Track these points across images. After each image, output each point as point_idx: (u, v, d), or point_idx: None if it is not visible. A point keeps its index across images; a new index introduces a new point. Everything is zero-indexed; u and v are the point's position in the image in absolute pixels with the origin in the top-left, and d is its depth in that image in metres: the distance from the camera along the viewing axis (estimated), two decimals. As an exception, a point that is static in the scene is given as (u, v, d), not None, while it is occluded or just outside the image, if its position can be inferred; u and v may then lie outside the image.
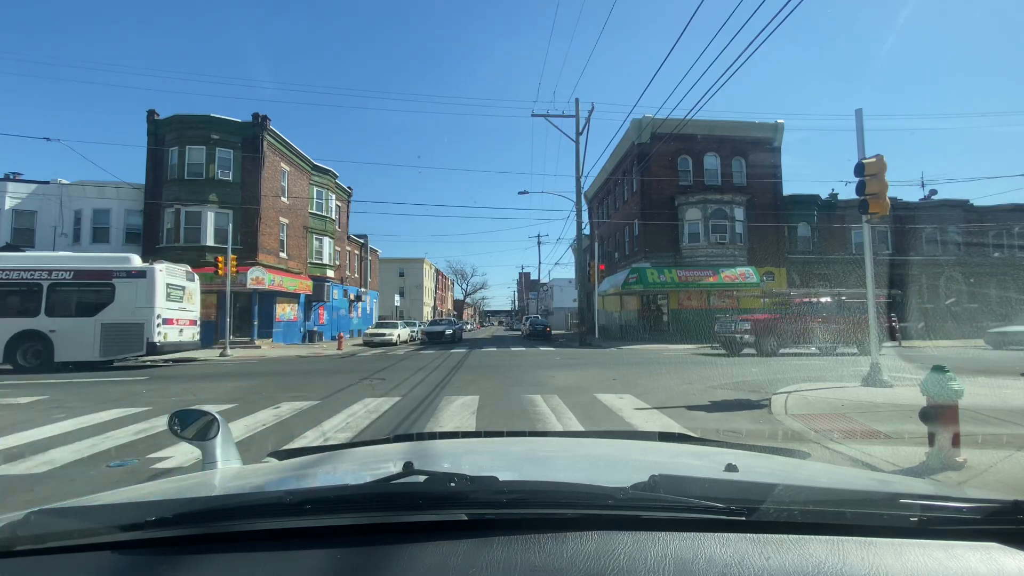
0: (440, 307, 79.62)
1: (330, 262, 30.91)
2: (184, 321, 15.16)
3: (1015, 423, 5.15)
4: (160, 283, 13.96)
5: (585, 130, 24.05)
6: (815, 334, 16.39)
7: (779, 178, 27.14)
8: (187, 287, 15.55)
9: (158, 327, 13.75)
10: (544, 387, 8.93)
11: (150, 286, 13.78)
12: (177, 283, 14.98)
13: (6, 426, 6.14)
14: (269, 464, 1.51)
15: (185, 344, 15.31)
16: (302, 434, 5.60)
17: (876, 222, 11.25)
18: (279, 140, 25.51)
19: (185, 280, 15.51)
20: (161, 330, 13.85)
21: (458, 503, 0.80)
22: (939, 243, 28.82)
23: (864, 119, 8.52)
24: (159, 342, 13.76)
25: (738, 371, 11.01)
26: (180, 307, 14.99)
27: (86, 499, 1.04)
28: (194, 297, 15.96)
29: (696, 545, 0.71)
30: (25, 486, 3.89)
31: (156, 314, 13.73)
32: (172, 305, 14.55)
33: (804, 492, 0.85)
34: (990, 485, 3.50)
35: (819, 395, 7.32)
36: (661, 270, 24.95)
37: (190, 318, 15.56)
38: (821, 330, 16.36)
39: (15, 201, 22.50)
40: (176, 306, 14.78)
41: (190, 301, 15.66)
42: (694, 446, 1.61)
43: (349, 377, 10.91)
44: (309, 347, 24.31)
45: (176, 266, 15.59)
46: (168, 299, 14.34)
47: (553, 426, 5.85)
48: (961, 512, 0.79)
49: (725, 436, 4.90)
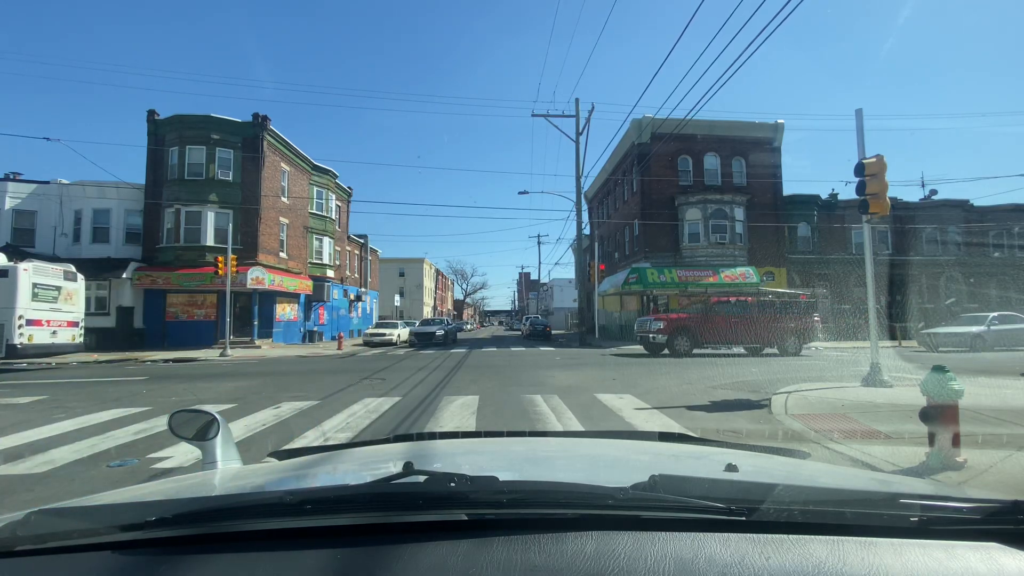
0: (440, 307, 79.64)
1: (330, 262, 30.91)
2: (59, 323, 14.67)
3: (1015, 423, 5.15)
4: (24, 283, 13.60)
5: (585, 130, 24.07)
6: (735, 334, 15.92)
7: (779, 178, 27.14)
8: (64, 287, 15.06)
9: (20, 328, 13.34)
10: (544, 387, 8.93)
11: (11, 286, 13.40)
12: (49, 283, 14.52)
13: (6, 426, 6.14)
14: (269, 464, 1.51)
15: (59, 347, 14.77)
16: (302, 434, 5.60)
17: (876, 222, 11.25)
18: (279, 140, 25.51)
19: (62, 280, 15.04)
20: (24, 331, 13.44)
21: (458, 503, 0.80)
22: (939, 243, 28.82)
23: (864, 119, 8.53)
24: (20, 344, 13.33)
25: (739, 371, 11.02)
26: (53, 308, 14.53)
27: (86, 499, 1.04)
28: (74, 298, 15.45)
29: (696, 545, 0.71)
30: (25, 486, 3.89)
31: (18, 315, 13.33)
32: (41, 306, 14.10)
33: (804, 492, 0.85)
34: (990, 485, 3.50)
35: (819, 395, 7.32)
36: (661, 270, 24.94)
37: (68, 319, 15.06)
38: (741, 330, 15.80)
39: (15, 201, 22.50)
40: (48, 307, 14.33)
41: (68, 302, 15.17)
42: (694, 446, 1.61)
43: (349, 377, 10.91)
44: (309, 347, 24.32)
45: (52, 265, 15.19)
46: (36, 299, 13.92)
47: (553, 426, 5.85)
48: (961, 512, 0.79)
49: (725, 436, 4.90)
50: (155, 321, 22.27)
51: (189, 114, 22.85)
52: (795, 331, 16.46)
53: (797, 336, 16.52)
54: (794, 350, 16.33)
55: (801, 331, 16.57)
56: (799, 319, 16.71)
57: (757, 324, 15.97)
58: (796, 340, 16.50)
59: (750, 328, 15.92)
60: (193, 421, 1.46)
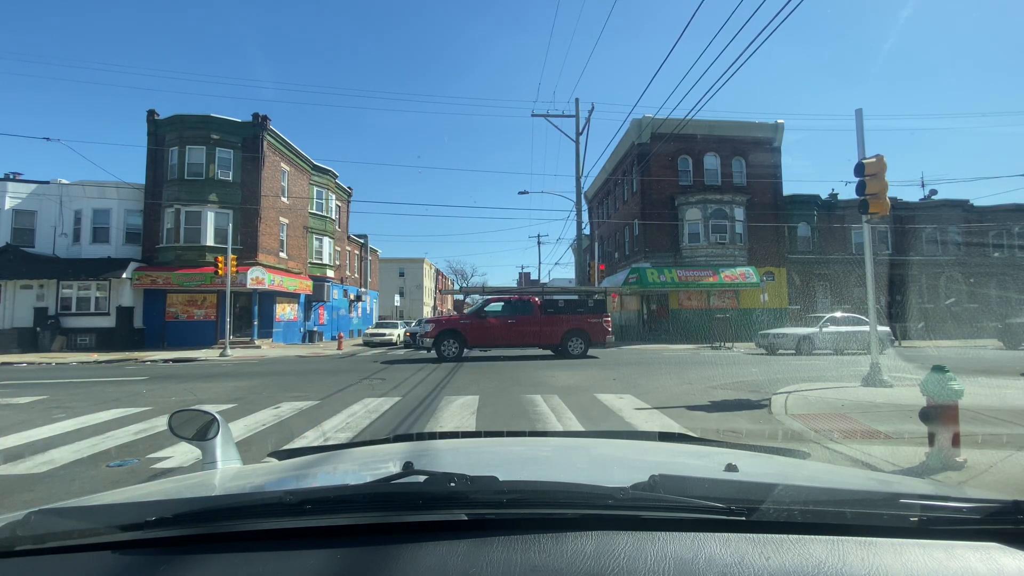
0: (440, 307, 79.66)
1: (330, 262, 30.92)
2: None
3: (1015, 423, 5.15)
4: None
5: (585, 130, 24.09)
6: (511, 337, 15.44)
7: (779, 178, 27.16)
8: None
9: None
10: (544, 387, 8.93)
11: None
12: None
13: (6, 426, 6.14)
14: (269, 464, 1.51)
15: None
16: (302, 434, 5.60)
17: (876, 222, 11.27)
18: (279, 140, 25.51)
19: None
20: None
21: (458, 503, 0.79)
22: (939, 243, 28.83)
23: (864, 119, 8.54)
24: None
25: (738, 371, 11.02)
26: None
27: (86, 499, 1.04)
28: None
29: (696, 545, 0.71)
30: (25, 486, 3.89)
31: None
32: None
33: (804, 492, 0.85)
34: (990, 485, 3.50)
35: (819, 395, 7.33)
36: (661, 270, 24.95)
37: None
38: (518, 332, 15.43)
39: (15, 201, 22.49)
40: None
41: None
42: (694, 446, 1.61)
43: (349, 377, 10.91)
44: (309, 347, 24.32)
45: None
46: None
47: (553, 426, 5.85)
48: (961, 512, 0.79)
49: (725, 436, 4.90)
50: (155, 321, 22.27)
51: (189, 114, 22.85)
52: (581, 331, 15.75)
53: (582, 337, 15.76)
54: (578, 351, 15.65)
55: (589, 331, 15.80)
56: (585, 319, 15.91)
57: (537, 325, 15.44)
58: (581, 341, 15.75)
59: (528, 329, 15.41)
60: (193, 421, 1.46)
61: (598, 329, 15.97)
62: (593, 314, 16.18)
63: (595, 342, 16.01)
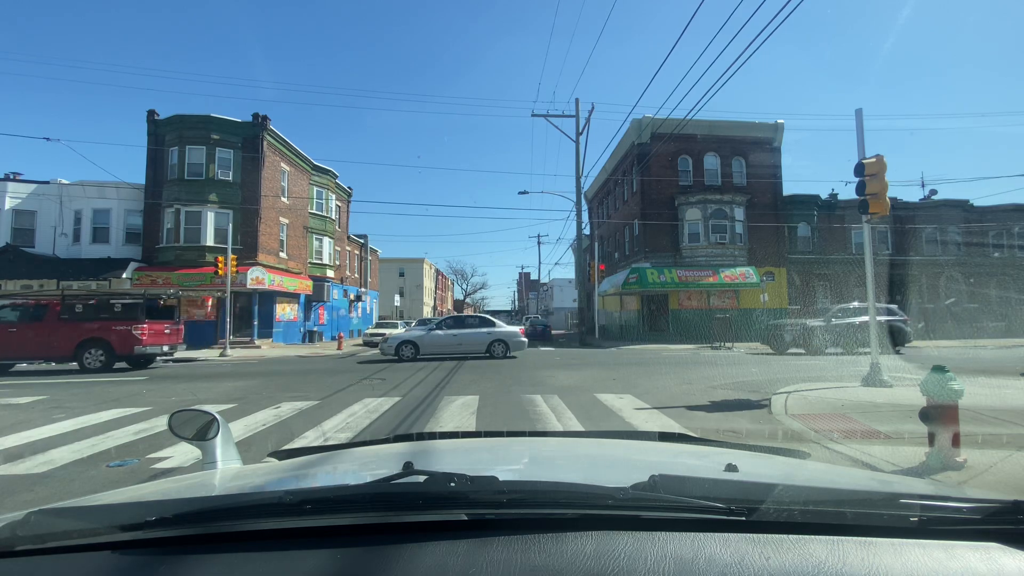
0: (440, 307, 79.66)
1: (330, 262, 30.91)
2: None
3: (1015, 423, 5.15)
4: None
5: (585, 130, 24.10)
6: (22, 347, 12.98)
7: (779, 178, 27.13)
8: None
9: None
10: (544, 387, 8.93)
11: None
12: None
13: (6, 426, 6.14)
14: (269, 464, 1.51)
15: None
16: (302, 434, 5.60)
17: (876, 222, 11.27)
18: (279, 140, 25.50)
19: None
20: None
21: (458, 503, 0.79)
22: (939, 243, 28.81)
23: (864, 119, 8.53)
24: None
25: (739, 371, 11.02)
26: None
27: (86, 499, 1.04)
28: None
29: (696, 545, 0.71)
30: (25, 486, 3.89)
31: None
32: None
33: (804, 492, 0.85)
34: (990, 485, 3.50)
35: (819, 395, 7.33)
36: (661, 270, 24.94)
37: None
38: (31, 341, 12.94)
39: (15, 201, 22.49)
40: None
41: None
42: (694, 446, 1.61)
43: (349, 377, 10.91)
44: (309, 347, 24.31)
45: None
46: None
47: (553, 426, 5.85)
48: (961, 512, 0.79)
49: (725, 436, 4.90)
50: (155, 321, 22.23)
51: (189, 114, 22.80)
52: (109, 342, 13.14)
53: (105, 349, 13.12)
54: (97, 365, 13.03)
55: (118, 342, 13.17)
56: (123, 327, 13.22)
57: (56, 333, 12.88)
58: (103, 354, 13.10)
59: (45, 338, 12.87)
60: (193, 421, 1.46)
61: (130, 340, 13.24)
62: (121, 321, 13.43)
63: (119, 353, 13.40)
